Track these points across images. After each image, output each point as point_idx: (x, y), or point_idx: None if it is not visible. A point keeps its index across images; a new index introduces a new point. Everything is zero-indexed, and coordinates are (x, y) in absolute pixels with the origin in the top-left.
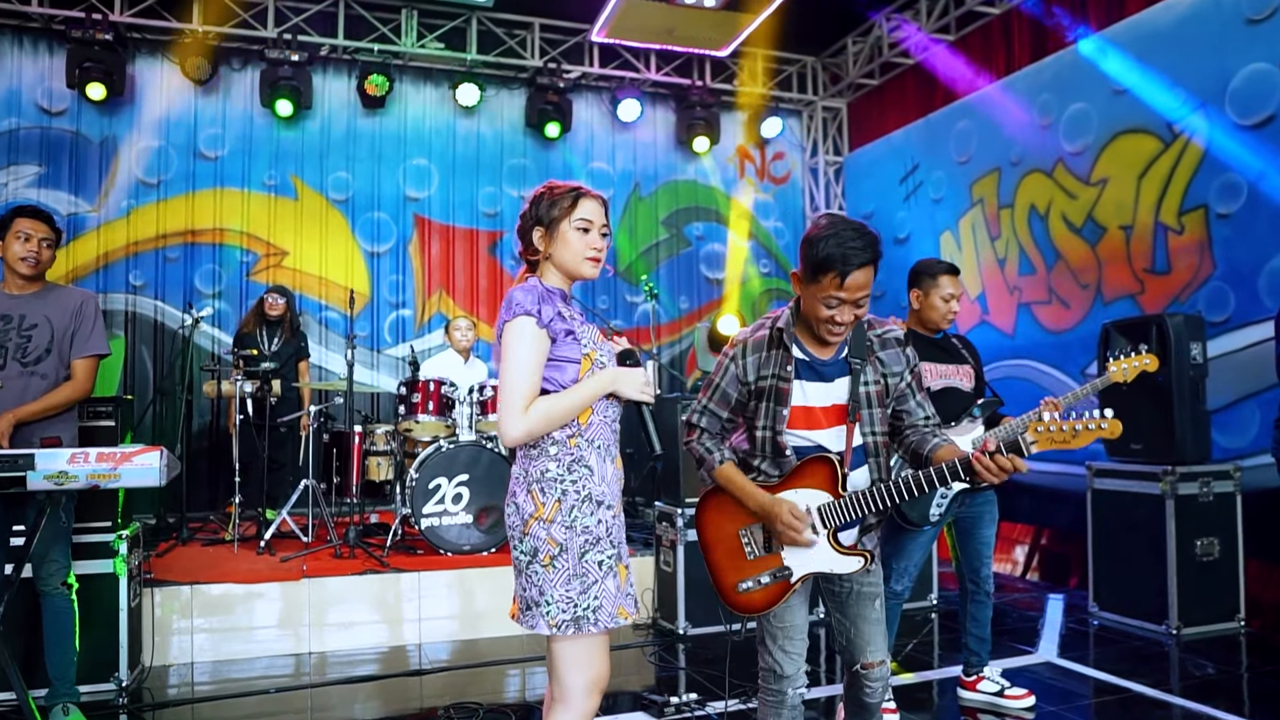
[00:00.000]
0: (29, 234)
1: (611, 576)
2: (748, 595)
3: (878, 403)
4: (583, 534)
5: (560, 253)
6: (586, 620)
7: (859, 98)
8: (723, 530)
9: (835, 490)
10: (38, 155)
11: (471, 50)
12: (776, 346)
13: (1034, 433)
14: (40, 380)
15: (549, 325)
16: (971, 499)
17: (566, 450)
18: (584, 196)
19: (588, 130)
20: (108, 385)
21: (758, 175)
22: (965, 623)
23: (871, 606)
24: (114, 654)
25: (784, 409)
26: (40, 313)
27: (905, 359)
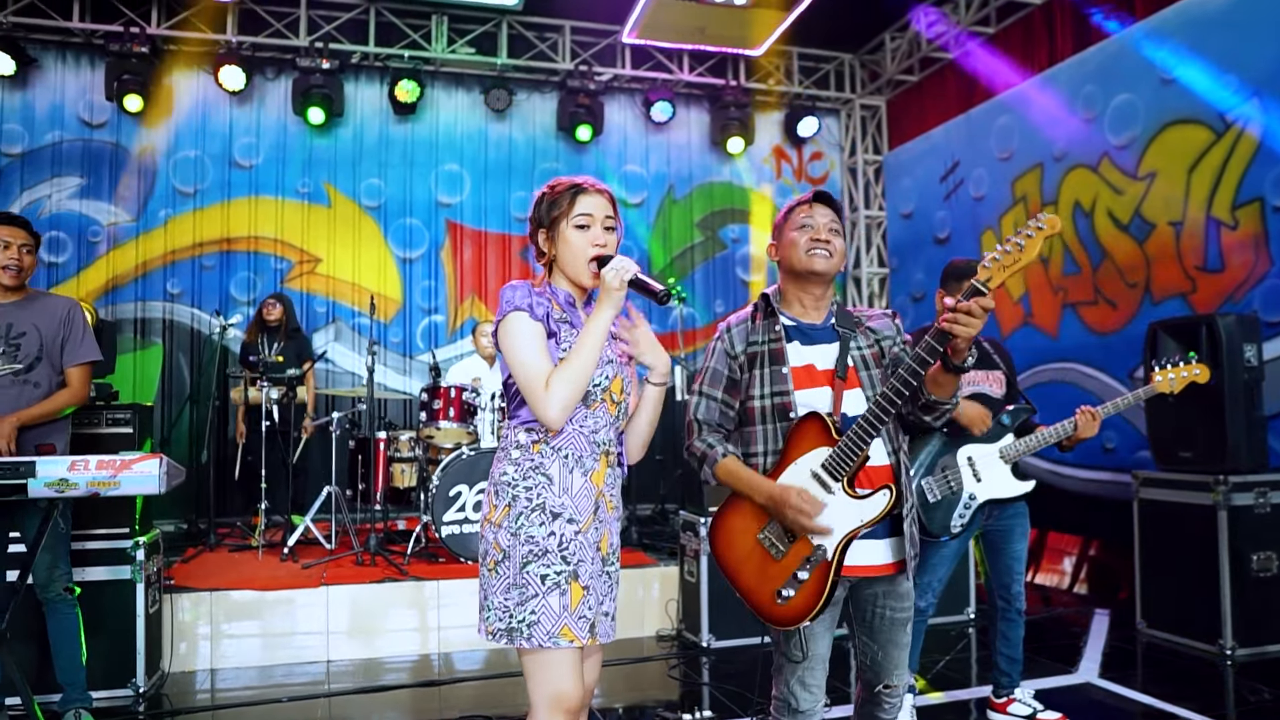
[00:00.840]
0: (8, 241)
1: (558, 594)
2: (789, 603)
3: (874, 364)
4: (527, 544)
5: (563, 254)
6: (519, 634)
7: (898, 95)
8: (741, 547)
9: (831, 439)
10: (80, 167)
11: (502, 54)
12: (763, 315)
13: (982, 270)
14: (33, 389)
15: (543, 321)
16: (1000, 511)
17: (528, 456)
18: (583, 192)
19: (620, 133)
20: (146, 392)
21: (795, 176)
22: (995, 641)
23: (904, 632)
24: (132, 660)
25: (784, 368)
26: (28, 320)
27: (897, 327)
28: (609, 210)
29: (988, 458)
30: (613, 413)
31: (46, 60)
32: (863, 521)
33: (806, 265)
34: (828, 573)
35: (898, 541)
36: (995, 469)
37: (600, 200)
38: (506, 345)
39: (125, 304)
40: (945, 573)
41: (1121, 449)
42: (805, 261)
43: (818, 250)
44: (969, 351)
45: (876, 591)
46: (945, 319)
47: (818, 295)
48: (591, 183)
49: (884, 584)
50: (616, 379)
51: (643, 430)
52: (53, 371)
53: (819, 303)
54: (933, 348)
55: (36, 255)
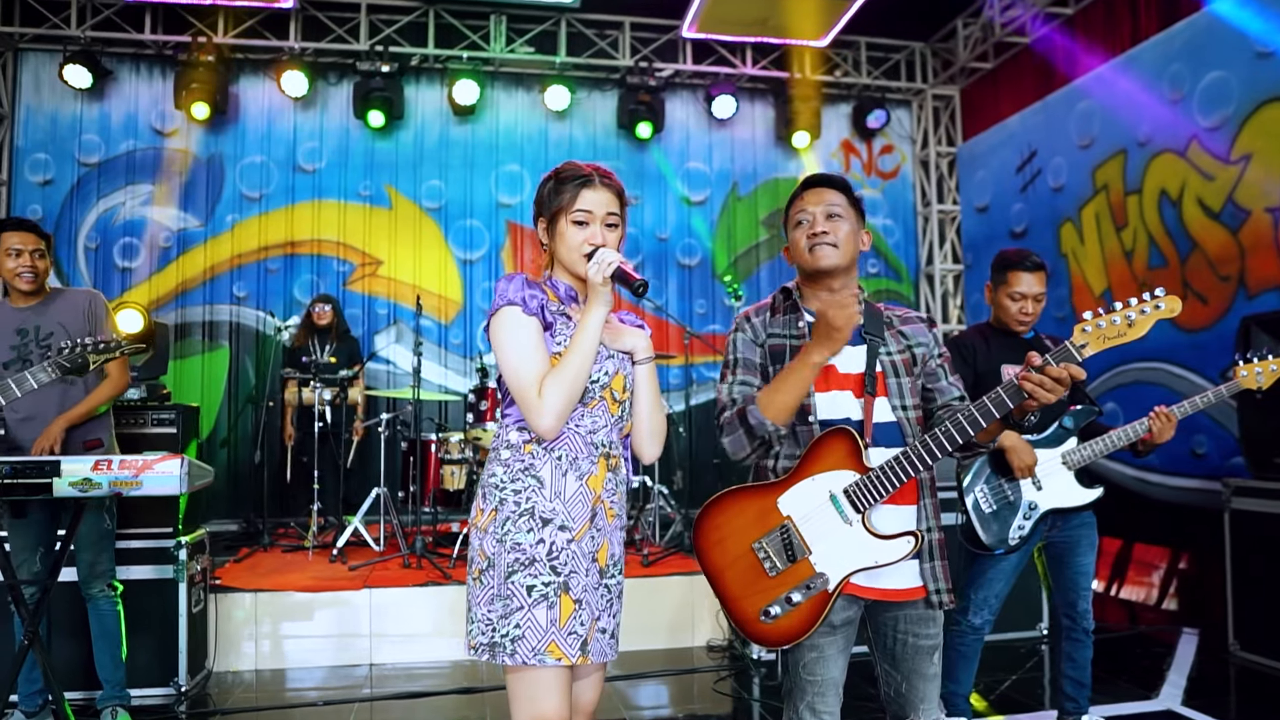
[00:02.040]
0: (19, 249)
1: (545, 607)
2: (776, 624)
3: (905, 371)
4: (513, 551)
5: (559, 249)
6: (501, 649)
7: (972, 83)
8: (730, 550)
9: (860, 465)
10: (152, 174)
11: (561, 53)
12: (784, 309)
13: (1080, 333)
14: (71, 385)
15: (539, 313)
16: (1064, 521)
17: (518, 456)
18: (587, 185)
19: (682, 129)
20: (213, 394)
21: (864, 170)
22: (1061, 663)
23: (929, 661)
24: (174, 658)
25: None
26: (53, 320)
27: (934, 337)
28: (613, 206)
29: (1049, 464)
30: (614, 412)
31: (121, 72)
32: (875, 564)
33: (812, 264)
34: (826, 603)
35: (920, 566)
36: (1057, 476)
37: (605, 196)
38: (497, 343)
39: (194, 307)
40: (1003, 588)
41: (1213, 454)
42: (809, 260)
43: (819, 245)
44: (1035, 413)
45: (897, 615)
46: (1026, 381)
47: (835, 291)
48: (599, 175)
49: (906, 607)
50: (618, 376)
51: (645, 416)
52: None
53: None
54: (1003, 402)
55: (51, 257)
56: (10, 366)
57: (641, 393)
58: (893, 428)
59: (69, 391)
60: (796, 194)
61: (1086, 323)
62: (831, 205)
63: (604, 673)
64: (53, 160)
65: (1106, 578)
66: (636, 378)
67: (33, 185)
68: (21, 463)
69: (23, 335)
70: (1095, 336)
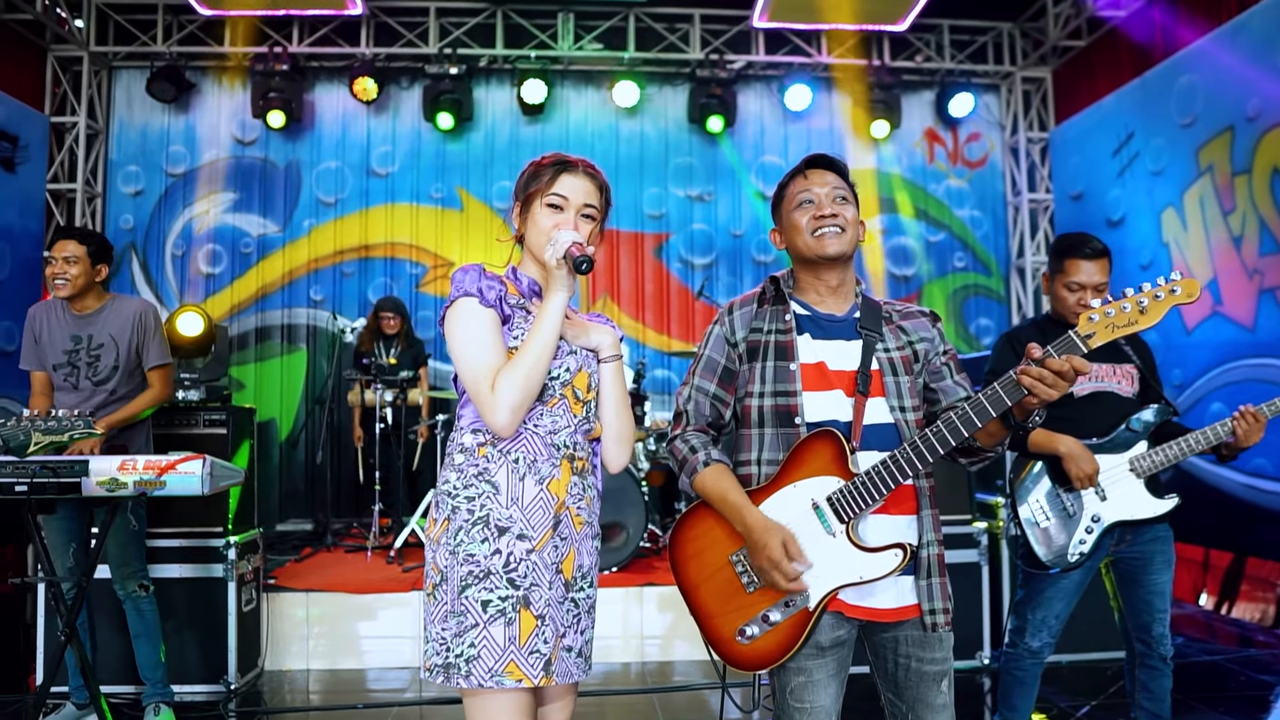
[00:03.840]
0: (54, 257)
1: (504, 623)
2: (753, 645)
3: (904, 370)
4: (466, 564)
5: (530, 234)
6: (456, 670)
7: (1064, 63)
8: (707, 563)
9: (845, 471)
10: (234, 183)
11: (630, 48)
12: (772, 301)
13: (1086, 322)
14: (111, 396)
15: (496, 305)
16: (1134, 535)
17: (472, 460)
18: (568, 170)
19: (756, 122)
20: (291, 396)
21: (949, 160)
22: (1135, 694)
23: (936, 689)
24: (224, 656)
25: (791, 364)
26: (105, 331)
27: (938, 332)
28: (592, 198)
29: (1115, 471)
30: (577, 412)
31: (205, 85)
32: (860, 579)
33: (816, 250)
34: (806, 622)
35: (916, 582)
36: (1125, 485)
37: (585, 185)
38: (451, 335)
39: (273, 311)
40: (1064, 609)
41: None
42: (813, 246)
43: (825, 228)
44: (1037, 410)
45: (896, 637)
46: (1026, 376)
47: (835, 283)
48: (582, 163)
49: (905, 627)
50: (581, 373)
51: (612, 418)
52: (126, 378)
53: (838, 290)
54: (999, 399)
55: (96, 262)
56: (59, 370)
57: (607, 393)
58: (889, 430)
59: (107, 403)
60: (797, 172)
61: (1094, 310)
62: (838, 186)
63: (574, 694)
64: (142, 172)
65: (1216, 595)
66: (602, 377)
67: (125, 196)
68: (52, 462)
69: (75, 343)
70: (1103, 325)
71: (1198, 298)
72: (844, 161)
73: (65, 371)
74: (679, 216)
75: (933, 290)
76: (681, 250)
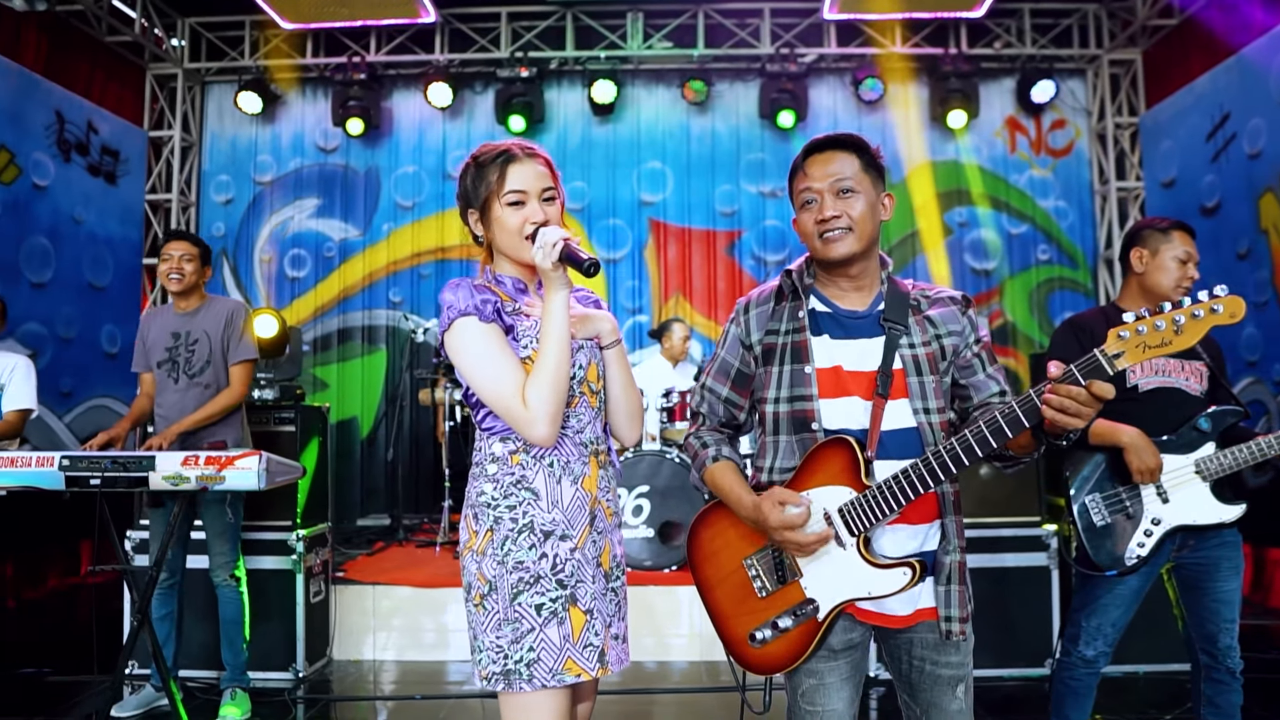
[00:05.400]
0: (170, 254)
1: (556, 624)
2: (765, 650)
3: (930, 369)
4: (515, 570)
5: (499, 238)
6: (518, 675)
7: (1155, 44)
8: (723, 565)
9: (858, 482)
10: (316, 189)
11: (699, 45)
12: (789, 297)
13: (1116, 341)
14: (204, 390)
15: (496, 318)
16: (1198, 540)
17: (506, 469)
18: (512, 161)
19: (829, 116)
20: (371, 396)
21: (1032, 149)
22: (1200, 709)
23: (951, 694)
24: (293, 646)
25: (806, 367)
26: (200, 327)
27: (969, 320)
28: (546, 181)
29: (1180, 473)
30: (594, 405)
31: (289, 96)
32: (869, 595)
33: (824, 254)
34: (816, 631)
35: (935, 587)
36: (1189, 487)
37: (534, 169)
38: (460, 358)
39: (354, 313)
40: (1121, 616)
41: None
42: (821, 250)
43: (830, 232)
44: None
45: (910, 639)
46: (1049, 403)
47: (855, 278)
48: (521, 148)
49: (919, 630)
50: (592, 365)
51: (621, 400)
52: (219, 373)
53: (859, 284)
54: (1018, 421)
55: (204, 263)
56: (162, 366)
57: (613, 376)
58: (911, 435)
59: (197, 395)
60: (798, 164)
61: (1124, 327)
62: (840, 177)
63: (596, 688)
64: (232, 181)
65: None
66: (606, 362)
67: (216, 205)
68: (121, 457)
69: (176, 339)
70: (1134, 344)
71: (1241, 318)
72: (851, 135)
73: (166, 368)
74: (751, 213)
75: (1014, 285)
76: (754, 247)
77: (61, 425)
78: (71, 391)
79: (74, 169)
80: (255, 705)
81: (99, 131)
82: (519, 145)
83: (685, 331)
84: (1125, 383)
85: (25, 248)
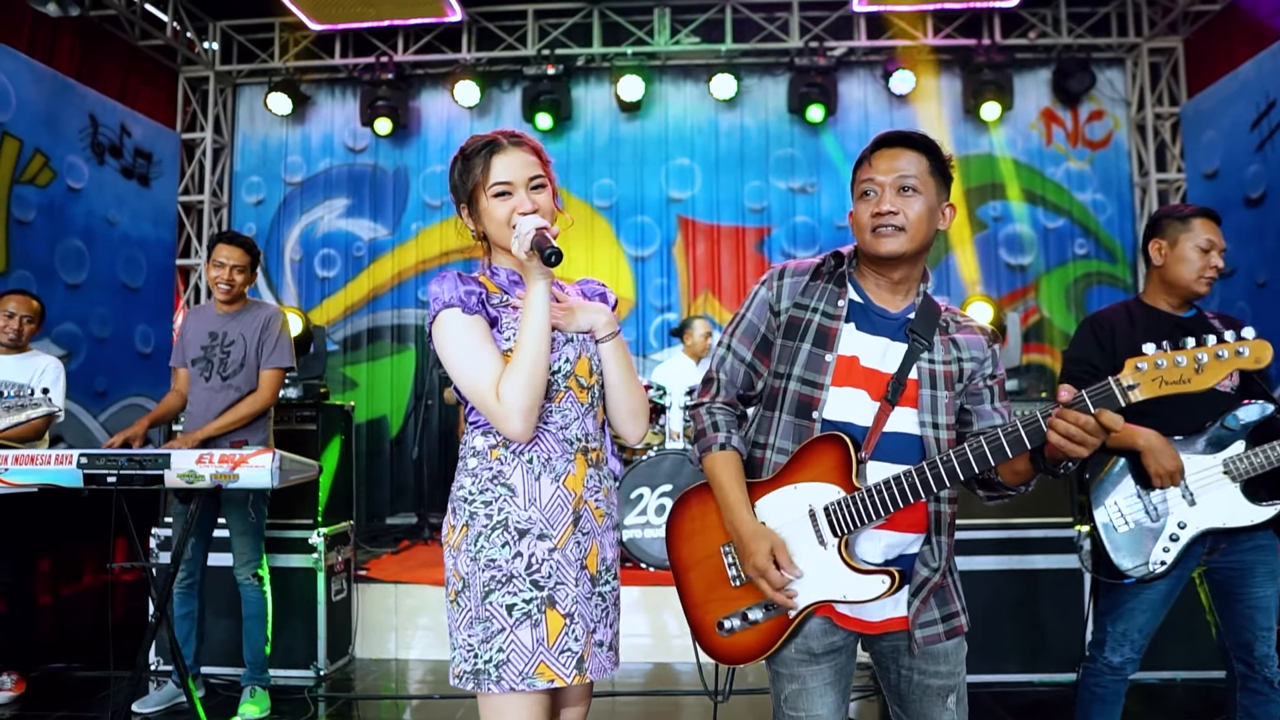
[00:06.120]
0: (223, 262)
1: (529, 626)
2: (731, 639)
3: (945, 385)
4: (487, 569)
5: (490, 230)
6: (486, 676)
7: (1197, 30)
8: (700, 548)
9: (847, 482)
10: (346, 189)
11: (727, 40)
12: (829, 279)
13: (1133, 372)
14: (234, 392)
15: (480, 309)
16: (1230, 543)
17: (485, 464)
18: (498, 151)
19: (859, 110)
20: (400, 395)
21: (1069, 141)
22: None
23: (941, 705)
24: (314, 643)
25: (827, 354)
26: (237, 330)
27: (993, 355)
28: (532, 169)
29: (1207, 473)
30: (583, 400)
31: (319, 97)
32: (844, 598)
33: (872, 248)
34: (785, 627)
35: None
36: (1218, 488)
37: (520, 158)
38: (443, 350)
39: (384, 312)
40: (1149, 622)
41: None
42: (870, 243)
43: (882, 228)
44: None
45: (896, 646)
46: (1055, 427)
47: (897, 278)
48: (507, 136)
49: (900, 638)
50: (581, 360)
51: (620, 397)
52: (251, 377)
53: (899, 286)
54: (1020, 441)
55: (254, 271)
56: (196, 364)
57: (611, 372)
58: (911, 443)
59: (227, 396)
60: (865, 155)
61: (1144, 359)
62: (905, 175)
63: (590, 693)
64: (263, 181)
65: None
66: (603, 357)
67: (248, 205)
68: (137, 455)
69: (213, 338)
70: (1150, 377)
71: (1268, 363)
72: (925, 136)
73: (201, 365)
74: (781, 209)
75: (1050, 280)
76: (784, 243)
77: (96, 424)
78: (105, 391)
79: (108, 171)
80: (276, 703)
81: (132, 134)
82: (505, 134)
83: (707, 329)
84: None
85: (60, 249)
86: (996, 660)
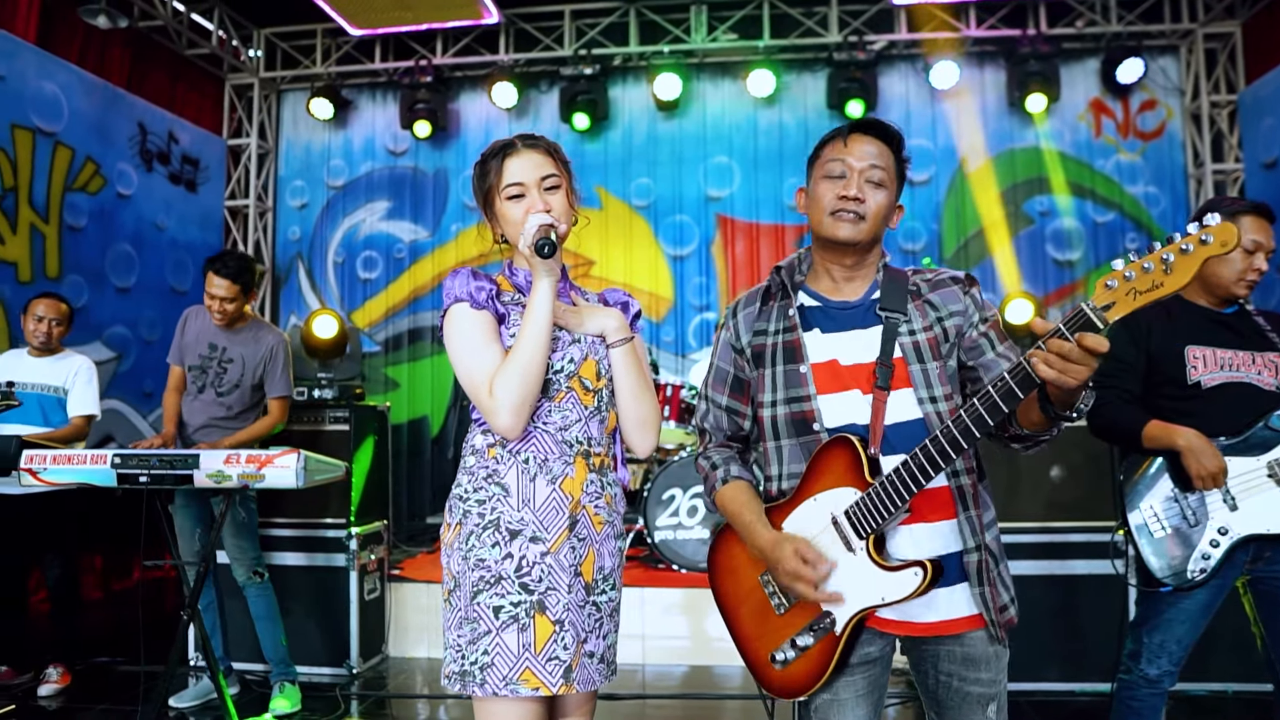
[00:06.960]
0: (214, 294)
1: (516, 630)
2: (787, 671)
3: (932, 355)
4: (477, 568)
5: (508, 232)
6: (471, 678)
7: (1256, 13)
8: (742, 582)
9: (863, 480)
10: (387, 191)
11: (765, 36)
12: (778, 295)
13: (1103, 291)
14: (225, 408)
15: (488, 305)
16: (1275, 551)
17: (482, 462)
18: (510, 154)
19: (901, 104)
20: (440, 395)
21: (1119, 132)
22: None
23: (980, 713)
24: (347, 641)
25: (801, 366)
26: (237, 350)
27: (972, 300)
28: (546, 168)
29: (1250, 476)
30: (588, 403)
31: (360, 101)
32: (883, 601)
33: (828, 232)
34: (835, 646)
35: (970, 590)
36: (1262, 493)
37: (533, 159)
38: (448, 344)
39: (424, 313)
40: (1188, 633)
41: None
42: (826, 227)
43: (842, 213)
44: (1080, 396)
45: (936, 650)
46: (1038, 360)
47: (850, 266)
48: (522, 139)
49: (947, 643)
50: (588, 361)
51: (628, 406)
52: (243, 397)
53: (854, 274)
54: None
55: (246, 297)
56: (192, 371)
57: (620, 379)
58: (916, 426)
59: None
60: (838, 135)
61: (1112, 275)
62: (877, 166)
63: (593, 702)
64: (306, 186)
65: None
66: (613, 363)
67: (292, 209)
68: (168, 455)
69: (212, 350)
70: (1123, 292)
71: (1235, 245)
72: (898, 130)
73: (195, 374)
74: None
75: (1100, 277)
76: None
77: (145, 424)
78: (153, 392)
79: (156, 178)
80: (308, 699)
81: (179, 141)
82: (520, 137)
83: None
84: (1187, 380)
85: (111, 254)
86: (1036, 668)
